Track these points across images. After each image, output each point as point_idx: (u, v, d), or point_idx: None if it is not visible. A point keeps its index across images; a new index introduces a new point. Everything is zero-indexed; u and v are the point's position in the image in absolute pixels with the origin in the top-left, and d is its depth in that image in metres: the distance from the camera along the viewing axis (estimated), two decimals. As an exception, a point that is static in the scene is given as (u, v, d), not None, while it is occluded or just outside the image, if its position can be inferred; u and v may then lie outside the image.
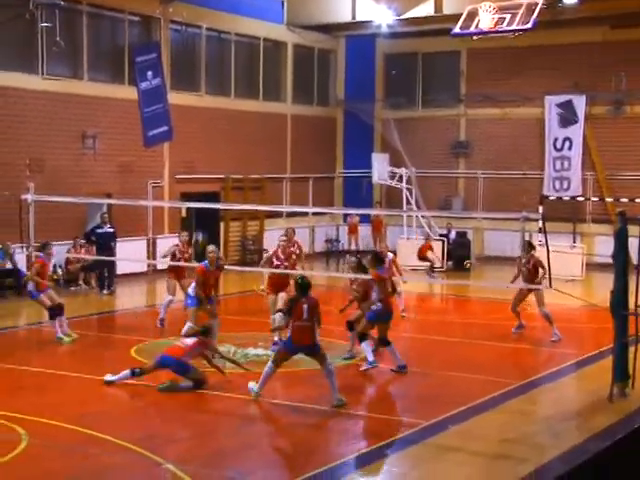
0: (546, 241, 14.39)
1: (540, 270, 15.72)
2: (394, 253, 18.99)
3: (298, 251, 16.19)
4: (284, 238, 15.81)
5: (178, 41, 25.55)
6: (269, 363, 11.61)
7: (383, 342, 13.27)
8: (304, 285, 11.45)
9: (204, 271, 13.98)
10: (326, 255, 28.60)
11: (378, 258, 13.68)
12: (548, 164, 28.03)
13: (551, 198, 25.40)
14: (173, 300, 16.48)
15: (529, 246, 16.27)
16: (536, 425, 10.98)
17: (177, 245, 16.71)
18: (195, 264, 15.35)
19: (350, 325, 14.05)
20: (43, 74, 21.47)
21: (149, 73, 23.01)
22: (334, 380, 11.34)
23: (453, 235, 27.56)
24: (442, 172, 30.02)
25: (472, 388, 12.44)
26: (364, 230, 29.24)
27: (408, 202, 27.55)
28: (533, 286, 15.56)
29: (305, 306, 11.27)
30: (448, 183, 30.23)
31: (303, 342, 11.30)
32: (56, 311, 15.17)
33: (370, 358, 13.13)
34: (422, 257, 24.46)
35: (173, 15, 24.74)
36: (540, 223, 20.76)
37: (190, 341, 12.34)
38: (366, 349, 13.23)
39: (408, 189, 27.72)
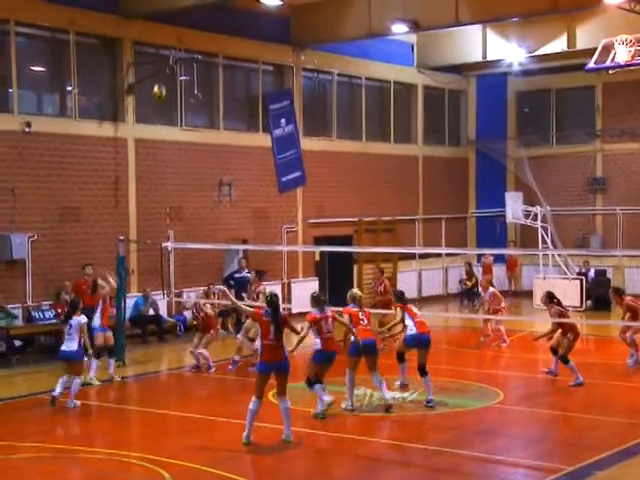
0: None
1: None
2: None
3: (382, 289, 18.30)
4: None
5: (310, 87, 26.06)
6: (253, 399, 11.30)
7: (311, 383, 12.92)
8: (271, 303, 11.46)
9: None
10: (460, 296, 28.26)
11: (318, 299, 13.21)
12: (692, 198, 26.96)
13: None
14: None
15: (617, 292, 16.69)
16: (689, 472, 10.45)
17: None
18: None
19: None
20: (182, 125, 22.28)
21: (282, 120, 23.55)
22: (289, 417, 11.37)
23: (592, 274, 26.79)
24: (578, 209, 29.30)
25: (619, 432, 11.98)
26: (498, 270, 28.79)
27: (544, 241, 26.99)
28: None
29: (272, 327, 11.25)
30: (585, 220, 29.46)
31: (275, 359, 11.27)
32: (101, 354, 15.76)
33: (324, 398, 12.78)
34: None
35: (305, 63, 25.28)
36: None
37: None
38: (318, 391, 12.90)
39: (543, 227, 27.17)
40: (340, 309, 13.78)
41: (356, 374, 13.42)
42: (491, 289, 19.75)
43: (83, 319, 14.10)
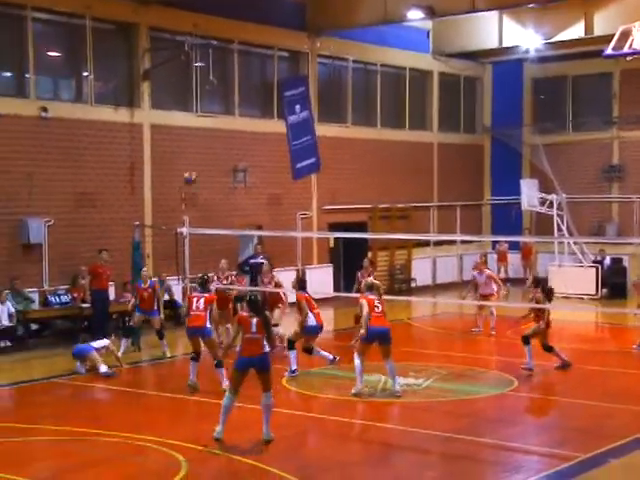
0: None
1: None
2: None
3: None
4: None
5: (325, 74, 26.01)
6: (227, 394, 11.14)
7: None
8: (252, 302, 11.28)
9: None
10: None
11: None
12: None
13: None
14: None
15: None
16: None
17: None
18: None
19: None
20: (197, 111, 22.29)
21: (297, 106, 23.52)
22: (269, 415, 10.96)
23: (608, 262, 26.70)
24: (594, 197, 29.17)
25: (634, 420, 11.97)
26: (514, 258, 28.73)
27: (559, 228, 26.90)
28: None
29: (254, 320, 11.03)
30: (601, 208, 29.33)
31: (253, 354, 10.93)
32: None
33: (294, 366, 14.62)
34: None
35: (320, 49, 25.22)
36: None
37: None
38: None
39: (559, 215, 27.06)
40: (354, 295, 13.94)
41: (369, 361, 13.44)
42: (487, 271, 19.31)
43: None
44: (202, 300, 14.03)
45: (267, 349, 11.15)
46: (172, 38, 21.83)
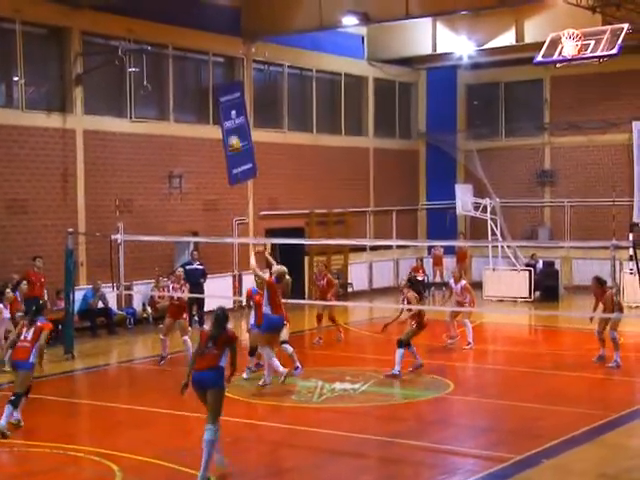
0: (638, 269, 14.06)
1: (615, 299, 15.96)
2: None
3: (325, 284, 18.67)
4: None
5: (260, 80, 25.97)
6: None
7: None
8: (219, 317, 10.05)
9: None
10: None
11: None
12: (638, 190, 27.38)
13: (641, 225, 24.79)
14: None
15: (599, 282, 16.37)
16: (635, 460, 10.61)
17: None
18: None
19: None
20: (131, 117, 22.06)
21: (233, 112, 23.40)
22: (211, 451, 9.68)
23: (540, 265, 27.15)
24: (527, 202, 29.65)
25: (566, 421, 12.17)
26: (449, 262, 29.02)
27: (493, 233, 27.28)
28: (612, 315, 15.71)
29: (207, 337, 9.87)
30: (533, 213, 29.83)
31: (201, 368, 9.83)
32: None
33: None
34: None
35: (256, 55, 25.17)
36: (631, 251, 20.28)
37: None
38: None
39: (493, 219, 27.45)
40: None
41: (309, 366, 13.45)
42: (463, 281, 18.95)
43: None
44: (32, 329, 12.20)
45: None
46: (105, 43, 21.56)
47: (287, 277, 14.46)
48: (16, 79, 19.97)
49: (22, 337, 12.23)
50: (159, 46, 22.49)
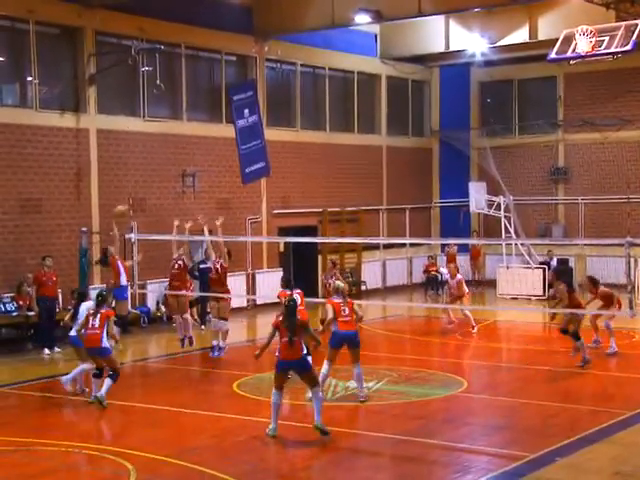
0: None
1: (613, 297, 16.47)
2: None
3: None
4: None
5: (273, 78, 25.97)
6: (273, 390, 11.45)
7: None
8: (289, 307, 11.54)
9: None
10: (424, 286, 28.39)
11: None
12: (652, 187, 27.29)
13: (656, 222, 24.70)
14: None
15: (592, 282, 16.99)
16: (650, 457, 10.60)
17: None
18: None
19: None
20: (144, 116, 22.10)
21: (246, 111, 23.45)
22: (320, 405, 11.38)
23: (554, 263, 27.06)
24: (541, 199, 29.56)
25: (580, 419, 12.13)
26: (462, 260, 28.97)
27: (507, 230, 27.21)
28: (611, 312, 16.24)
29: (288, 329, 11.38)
30: (547, 210, 29.74)
31: (289, 357, 11.34)
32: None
33: None
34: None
35: (268, 53, 25.18)
36: (645, 248, 20.21)
37: None
38: None
39: (506, 217, 27.38)
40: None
41: (318, 365, 13.41)
42: (459, 276, 20.27)
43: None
44: (98, 317, 13.21)
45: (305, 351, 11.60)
46: (118, 42, 21.61)
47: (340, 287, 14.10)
48: (30, 79, 20.04)
49: (90, 325, 13.16)
50: (171, 45, 22.53)
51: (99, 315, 13.21)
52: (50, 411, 13.50)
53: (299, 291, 15.36)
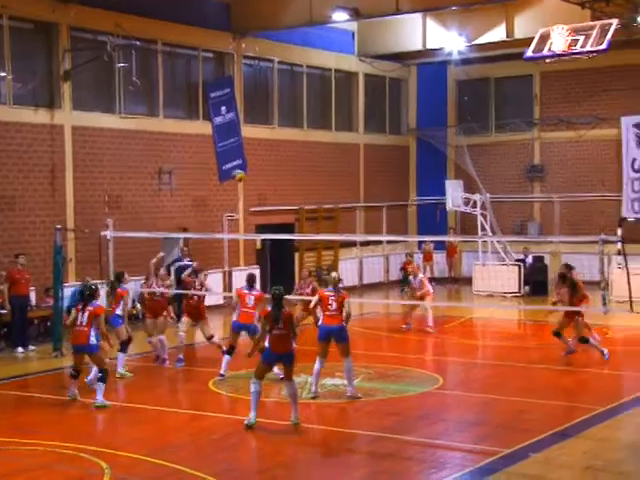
0: (626, 264, 14.15)
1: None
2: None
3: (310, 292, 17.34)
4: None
5: (250, 75, 25.91)
6: (253, 380, 11.62)
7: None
8: (276, 297, 11.69)
9: None
10: (401, 284, 28.45)
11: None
12: (626, 185, 27.49)
13: (630, 220, 24.89)
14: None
15: (567, 267, 16.79)
16: (622, 452, 10.68)
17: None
18: None
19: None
20: (120, 113, 21.99)
21: (223, 108, 23.42)
22: (296, 400, 11.69)
23: (530, 260, 27.22)
24: (517, 197, 29.70)
25: (553, 415, 12.22)
26: (439, 257, 29.09)
27: (483, 228, 27.34)
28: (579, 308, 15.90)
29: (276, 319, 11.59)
30: (523, 208, 29.89)
31: (280, 350, 11.53)
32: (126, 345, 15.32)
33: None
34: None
35: (246, 50, 25.12)
36: (619, 245, 20.34)
37: None
38: None
39: (483, 215, 27.51)
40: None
41: (298, 363, 13.41)
42: (420, 275, 20.20)
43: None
44: (86, 314, 13.05)
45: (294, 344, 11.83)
46: (94, 38, 21.47)
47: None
48: (3, 75, 19.86)
49: (78, 322, 13.01)
50: (148, 41, 22.42)
51: (87, 312, 13.03)
52: (25, 410, 13.41)
53: (257, 293, 14.91)
